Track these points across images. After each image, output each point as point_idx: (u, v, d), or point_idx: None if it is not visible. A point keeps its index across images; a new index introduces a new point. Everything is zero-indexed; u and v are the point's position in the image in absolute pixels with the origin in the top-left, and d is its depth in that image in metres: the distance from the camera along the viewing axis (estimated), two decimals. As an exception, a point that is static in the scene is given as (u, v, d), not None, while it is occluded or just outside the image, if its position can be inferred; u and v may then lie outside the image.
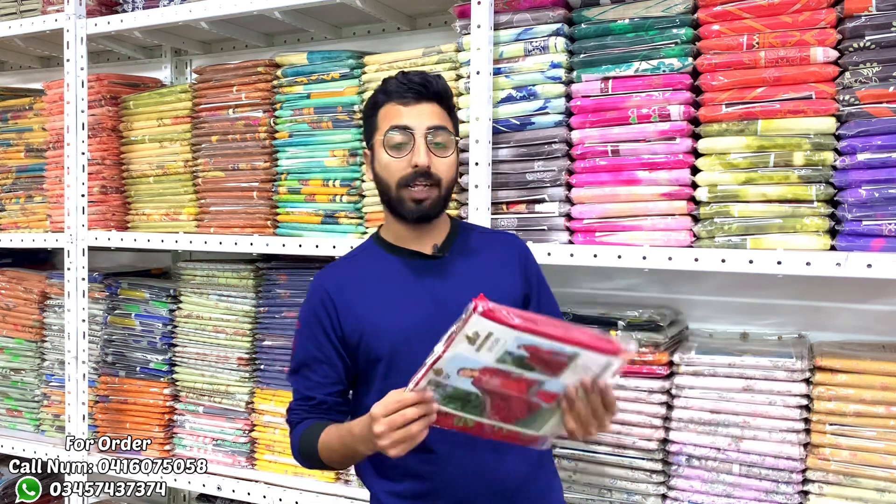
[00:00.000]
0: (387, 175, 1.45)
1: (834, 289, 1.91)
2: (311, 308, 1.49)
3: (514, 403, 1.22)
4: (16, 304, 2.71)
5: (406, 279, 1.46)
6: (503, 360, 1.16)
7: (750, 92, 1.65)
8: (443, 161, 1.44)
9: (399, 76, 1.47)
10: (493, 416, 1.23)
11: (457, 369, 1.18)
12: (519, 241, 1.60)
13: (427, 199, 1.43)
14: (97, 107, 2.46)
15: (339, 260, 1.59)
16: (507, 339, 1.13)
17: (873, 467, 1.62)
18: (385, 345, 1.42)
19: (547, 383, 1.19)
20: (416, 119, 1.43)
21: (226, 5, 2.16)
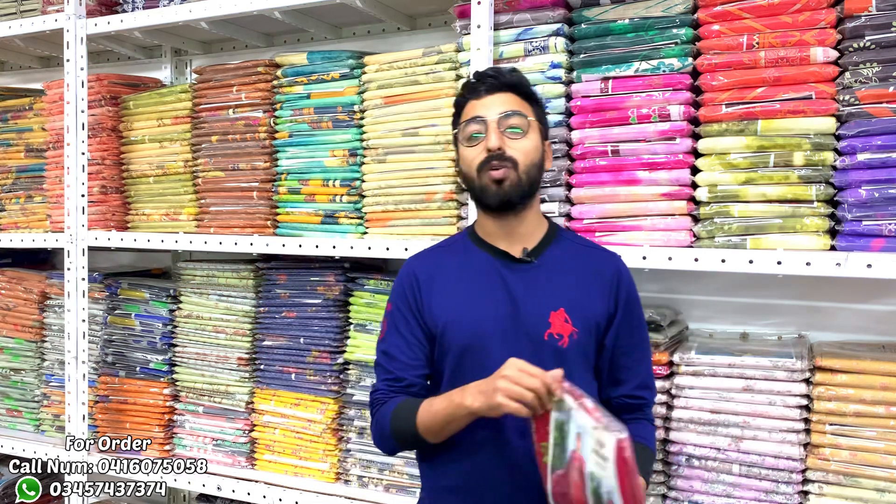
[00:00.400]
0: (466, 166, 1.46)
1: (834, 289, 1.91)
2: (402, 290, 1.51)
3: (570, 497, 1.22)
4: (16, 304, 2.71)
5: (490, 278, 1.46)
6: (593, 478, 1.16)
7: (750, 92, 1.65)
8: (518, 143, 1.43)
9: (474, 74, 1.52)
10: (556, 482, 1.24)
11: (577, 430, 1.18)
12: (620, 262, 1.53)
13: (506, 178, 1.41)
14: (97, 107, 2.46)
15: (432, 246, 1.60)
16: (607, 480, 1.14)
17: (873, 467, 1.62)
18: (458, 339, 1.43)
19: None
20: (488, 109, 1.44)
21: (226, 5, 2.16)
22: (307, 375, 2.19)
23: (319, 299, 2.19)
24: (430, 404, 1.40)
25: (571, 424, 1.19)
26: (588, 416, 1.17)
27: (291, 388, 2.22)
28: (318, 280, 2.19)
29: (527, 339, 1.41)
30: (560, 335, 1.41)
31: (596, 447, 1.15)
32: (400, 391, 1.48)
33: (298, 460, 2.21)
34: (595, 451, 1.15)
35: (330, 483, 2.17)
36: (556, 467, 1.23)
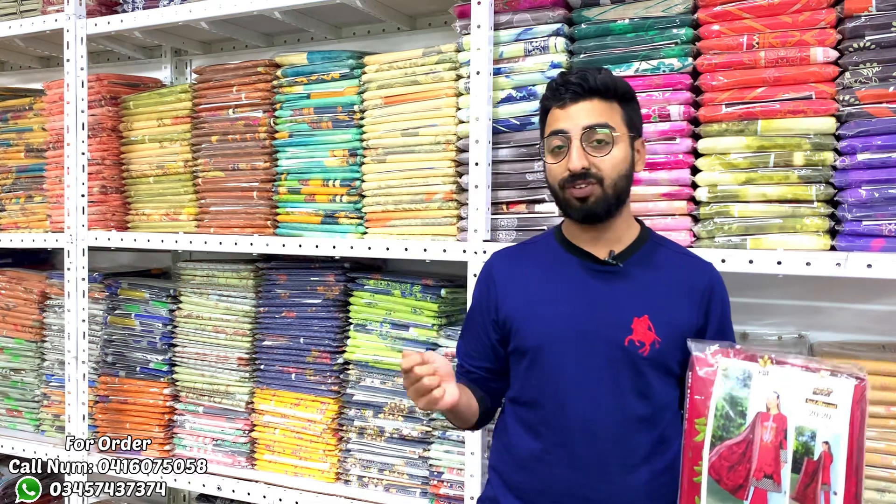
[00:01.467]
0: (550, 179, 1.43)
1: (834, 289, 1.91)
2: (480, 283, 1.55)
3: (737, 471, 1.23)
4: (16, 304, 2.71)
5: (571, 278, 1.44)
6: (801, 432, 1.19)
7: (750, 92, 1.65)
8: (605, 159, 1.37)
9: (558, 77, 1.44)
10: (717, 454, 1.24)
11: (773, 389, 1.21)
12: (715, 273, 1.48)
13: (590, 196, 1.37)
14: (97, 107, 2.46)
15: (517, 244, 1.60)
16: (832, 427, 1.16)
17: (873, 467, 1.62)
18: (533, 338, 1.42)
19: (774, 495, 1.20)
20: (572, 121, 1.39)
21: (226, 5, 2.16)
22: (307, 375, 2.19)
23: (319, 299, 2.19)
24: None
25: (759, 387, 1.21)
26: (796, 370, 1.20)
27: (291, 388, 2.22)
28: (318, 280, 2.19)
29: (604, 343, 1.38)
30: (641, 342, 1.37)
31: (813, 396, 1.17)
32: (462, 376, 1.56)
33: (298, 460, 2.21)
34: (811, 400, 1.17)
35: (330, 483, 2.17)
36: (724, 438, 1.23)
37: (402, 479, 2.09)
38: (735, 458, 1.22)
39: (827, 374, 1.19)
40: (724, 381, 1.24)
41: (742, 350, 1.26)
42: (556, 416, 1.39)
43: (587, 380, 1.38)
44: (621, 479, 1.39)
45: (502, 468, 1.50)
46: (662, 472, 1.40)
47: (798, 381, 1.20)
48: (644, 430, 1.39)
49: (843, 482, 1.15)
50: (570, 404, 1.38)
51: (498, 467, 1.51)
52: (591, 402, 1.38)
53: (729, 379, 1.24)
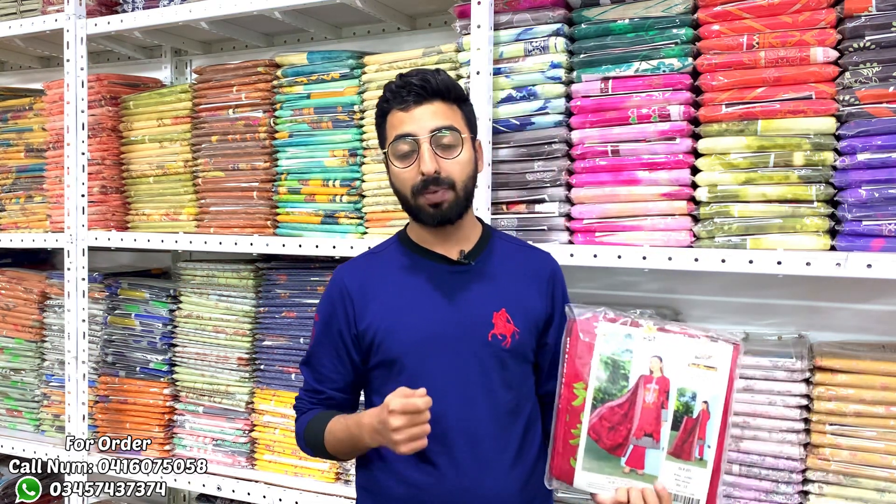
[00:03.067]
0: (399, 185, 1.41)
1: (834, 289, 1.91)
2: (330, 301, 1.48)
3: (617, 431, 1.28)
4: (16, 304, 2.71)
5: (428, 282, 1.43)
6: (682, 393, 1.27)
7: (750, 92, 1.65)
8: (452, 162, 1.37)
9: (397, 79, 1.41)
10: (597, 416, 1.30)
11: (656, 354, 1.29)
12: (552, 260, 1.55)
13: (443, 201, 1.37)
14: (97, 107, 2.46)
15: (362, 255, 1.56)
16: (710, 388, 1.26)
17: (873, 467, 1.62)
18: (399, 347, 1.41)
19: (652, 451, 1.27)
20: (418, 124, 1.37)
21: (226, 5, 2.16)
22: (307, 375, 2.19)
23: (319, 299, 2.18)
24: (333, 428, 1.42)
25: (642, 351, 1.29)
26: (679, 336, 1.29)
27: (291, 388, 2.22)
28: (318, 280, 2.19)
29: (470, 342, 1.39)
30: (503, 335, 1.40)
31: (695, 360, 1.27)
32: (318, 402, 1.50)
33: (298, 460, 2.21)
34: (693, 364, 1.27)
35: (330, 483, 2.17)
36: (605, 400, 1.29)
37: (402, 479, 2.09)
38: (616, 418, 1.29)
39: (707, 340, 1.29)
40: (604, 345, 1.30)
41: (619, 315, 1.33)
42: (433, 424, 1.32)
43: (459, 381, 1.38)
44: (504, 475, 1.41)
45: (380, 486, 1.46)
46: (536, 460, 1.45)
47: (680, 347, 1.28)
48: (514, 422, 1.43)
49: (716, 436, 1.26)
50: (446, 409, 1.37)
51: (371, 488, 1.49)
52: (466, 403, 1.39)
53: (609, 343, 1.30)
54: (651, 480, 1.27)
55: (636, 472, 1.27)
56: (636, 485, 1.27)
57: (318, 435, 1.45)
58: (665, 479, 1.27)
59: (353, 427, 1.38)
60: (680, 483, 1.26)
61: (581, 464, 1.29)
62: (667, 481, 1.27)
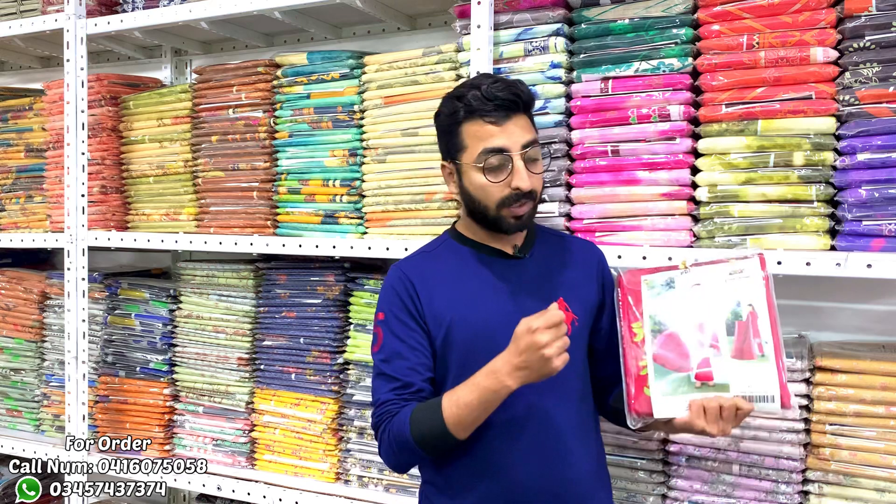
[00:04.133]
0: (484, 196, 1.43)
1: (834, 289, 1.91)
2: (396, 296, 1.47)
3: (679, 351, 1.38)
4: (16, 304, 2.71)
5: (486, 275, 1.47)
6: (727, 304, 1.37)
7: (750, 92, 1.65)
8: (538, 176, 1.44)
9: (483, 89, 1.41)
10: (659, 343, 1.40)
11: (695, 283, 1.40)
12: (597, 249, 1.61)
13: (525, 213, 1.44)
14: (97, 107, 2.46)
15: (416, 252, 1.58)
16: (751, 292, 1.36)
17: (873, 467, 1.62)
18: (463, 338, 1.43)
19: (717, 360, 1.35)
20: (511, 139, 1.40)
21: (226, 5, 2.16)
22: (307, 375, 2.19)
23: (319, 299, 2.19)
24: (454, 398, 1.34)
25: (682, 284, 1.41)
26: (706, 266, 1.41)
27: (291, 388, 2.22)
28: (318, 280, 2.19)
29: None
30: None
31: (729, 278, 1.39)
32: (410, 398, 1.42)
33: (298, 460, 2.21)
34: (728, 280, 1.39)
35: (330, 483, 2.17)
36: (661, 330, 1.41)
37: (401, 479, 2.09)
38: (675, 342, 1.39)
39: (734, 260, 1.41)
40: (649, 289, 1.43)
41: (654, 267, 1.49)
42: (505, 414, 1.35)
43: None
44: (580, 460, 1.44)
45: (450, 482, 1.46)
46: (600, 448, 1.53)
47: (714, 271, 1.41)
48: (583, 408, 1.47)
49: (770, 331, 1.35)
50: (517, 402, 1.38)
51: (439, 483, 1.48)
52: (536, 394, 1.40)
53: (654, 287, 1.43)
54: (724, 389, 1.33)
55: (707, 384, 1.34)
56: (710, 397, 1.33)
57: (434, 416, 1.35)
58: (735, 383, 1.33)
59: (482, 381, 1.31)
60: (752, 384, 1.32)
61: (655, 390, 1.36)
62: (738, 385, 1.32)
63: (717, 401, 1.30)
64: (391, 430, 1.40)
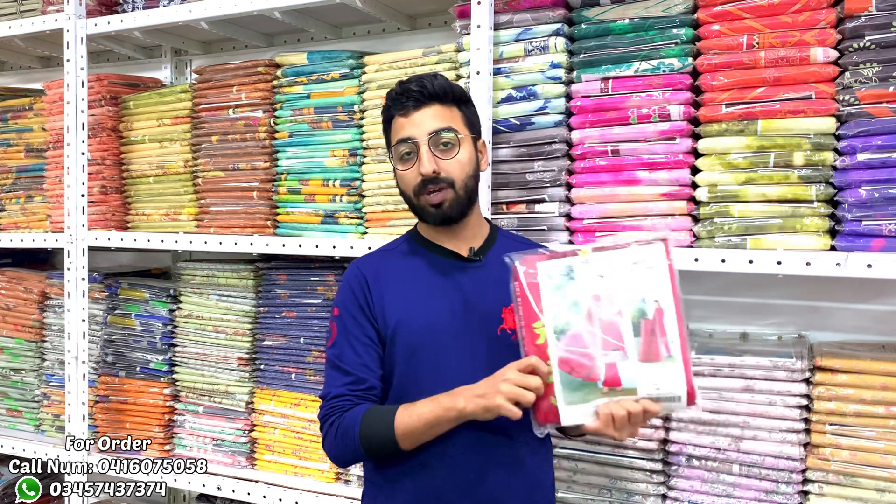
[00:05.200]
0: (403, 187, 1.47)
1: (834, 289, 1.91)
2: (351, 293, 1.49)
3: (585, 356, 1.27)
4: (16, 304, 2.71)
5: (438, 276, 1.48)
6: (632, 300, 1.28)
7: (750, 92, 1.65)
8: (451, 162, 1.43)
9: (397, 86, 1.48)
10: (563, 347, 1.28)
11: (598, 273, 1.29)
12: None
13: (443, 201, 1.43)
14: (97, 107, 2.46)
15: (376, 250, 1.60)
16: (656, 286, 1.27)
17: (873, 467, 1.62)
18: (411, 338, 1.44)
19: (624, 363, 1.26)
20: (417, 127, 1.43)
21: (226, 5, 2.15)
22: (307, 375, 2.19)
23: (319, 299, 2.19)
24: (411, 408, 1.37)
25: (583, 275, 1.30)
26: (608, 253, 1.30)
27: (291, 388, 2.22)
28: (318, 280, 2.19)
29: (480, 336, 1.43)
30: (513, 330, 1.41)
31: (633, 267, 1.28)
32: (364, 395, 1.44)
33: (298, 460, 2.21)
34: (632, 271, 1.28)
35: (330, 483, 2.17)
36: (565, 330, 1.29)
37: (402, 479, 2.09)
38: (580, 344, 1.28)
39: (636, 246, 1.30)
40: (548, 280, 1.31)
41: (555, 251, 1.34)
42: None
43: (470, 374, 1.38)
44: (513, 466, 1.43)
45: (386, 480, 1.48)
46: (545, 453, 1.51)
47: (617, 260, 1.30)
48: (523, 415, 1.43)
49: (676, 328, 1.26)
50: None
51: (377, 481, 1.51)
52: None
53: (553, 278, 1.31)
54: (632, 392, 1.26)
55: (615, 389, 1.27)
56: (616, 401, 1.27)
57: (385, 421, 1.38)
58: (643, 386, 1.26)
59: (442, 398, 1.35)
60: (659, 385, 1.26)
61: (562, 399, 1.28)
62: (646, 388, 1.26)
63: (624, 407, 1.26)
64: (340, 425, 1.43)
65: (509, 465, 1.45)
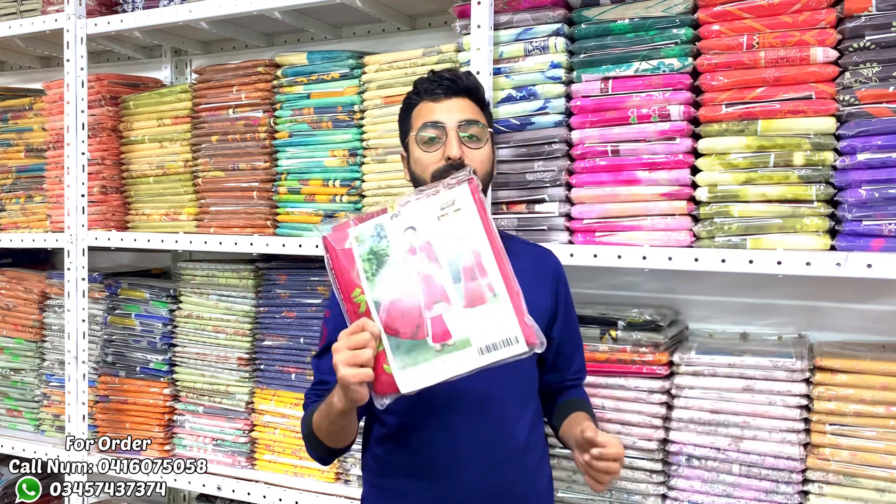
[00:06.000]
0: (420, 170, 1.45)
1: (834, 289, 1.91)
2: None
3: (409, 315, 1.22)
4: (16, 304, 2.71)
5: None
6: (447, 246, 1.23)
7: (750, 92, 1.65)
8: (476, 153, 1.44)
9: (430, 75, 1.50)
10: (384, 311, 1.23)
11: (408, 226, 1.24)
12: (554, 257, 1.61)
13: None
14: (97, 107, 2.46)
15: None
16: (468, 228, 1.24)
17: (873, 467, 1.62)
18: None
19: (451, 314, 1.22)
20: (448, 114, 1.44)
21: (226, 5, 2.16)
22: (307, 375, 2.19)
23: (319, 299, 2.19)
24: (318, 406, 1.37)
25: (395, 231, 1.25)
26: (420, 199, 1.26)
27: (291, 388, 2.22)
28: (318, 280, 2.19)
29: None
30: None
31: (441, 213, 1.25)
32: (323, 394, 1.43)
33: (298, 460, 2.21)
34: (443, 215, 1.25)
35: (330, 483, 2.17)
36: (385, 294, 1.23)
37: (402, 479, 2.09)
38: (402, 305, 1.23)
39: (443, 189, 1.26)
40: (360, 246, 1.25)
41: (364, 215, 1.28)
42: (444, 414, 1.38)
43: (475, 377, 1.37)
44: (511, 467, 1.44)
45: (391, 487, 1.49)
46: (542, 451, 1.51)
47: (424, 209, 1.26)
48: (523, 415, 1.47)
49: (496, 267, 1.23)
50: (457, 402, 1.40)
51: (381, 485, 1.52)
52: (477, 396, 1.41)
53: (365, 241, 1.25)
54: (466, 345, 1.21)
55: (447, 344, 1.21)
56: (454, 359, 1.20)
57: (309, 418, 1.41)
58: (476, 335, 1.21)
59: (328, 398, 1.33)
60: (490, 330, 1.21)
61: (395, 365, 1.21)
62: (478, 337, 1.21)
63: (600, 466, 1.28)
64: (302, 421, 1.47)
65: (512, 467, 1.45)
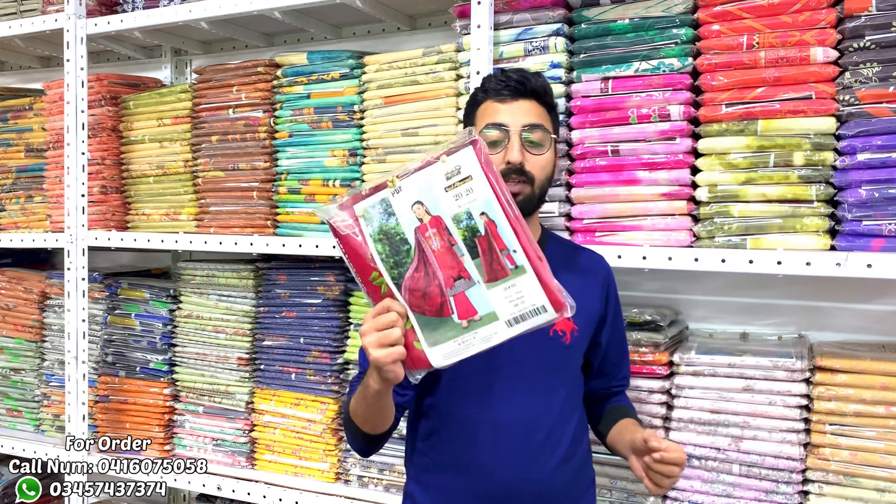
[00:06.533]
0: None
1: (834, 289, 1.91)
2: None
3: (431, 294, 1.19)
4: (16, 304, 2.71)
5: None
6: (458, 220, 1.19)
7: (750, 92, 1.65)
8: (538, 159, 1.43)
9: (498, 73, 1.48)
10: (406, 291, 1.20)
11: (414, 201, 1.19)
12: (606, 263, 1.60)
13: (520, 193, 1.41)
14: (97, 107, 2.46)
15: None
16: (478, 197, 1.18)
17: (873, 467, 1.62)
18: None
19: (473, 290, 1.19)
20: (512, 116, 1.43)
21: (226, 5, 2.16)
22: (307, 375, 2.19)
23: (319, 299, 2.19)
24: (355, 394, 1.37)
25: (401, 207, 1.20)
26: (419, 174, 1.19)
27: (291, 388, 2.22)
28: (318, 280, 2.19)
29: (533, 336, 1.39)
30: (563, 332, 1.43)
31: (448, 183, 1.18)
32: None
33: (298, 460, 2.21)
34: (450, 186, 1.19)
35: (330, 483, 2.17)
36: (402, 273, 1.21)
37: (402, 479, 2.09)
38: (422, 282, 1.20)
39: (446, 157, 1.19)
40: (368, 224, 1.21)
41: (364, 191, 1.23)
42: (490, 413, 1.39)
43: (520, 374, 1.39)
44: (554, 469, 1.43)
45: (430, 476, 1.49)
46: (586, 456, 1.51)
47: (429, 179, 1.19)
48: (569, 419, 1.46)
49: (512, 235, 1.18)
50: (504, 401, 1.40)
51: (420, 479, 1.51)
52: (524, 396, 1.42)
53: (372, 219, 1.21)
54: (493, 319, 1.19)
55: (473, 320, 1.19)
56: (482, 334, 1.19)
57: (347, 406, 1.41)
58: (502, 308, 1.19)
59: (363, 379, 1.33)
60: (516, 302, 1.18)
61: (425, 341, 1.20)
62: (505, 309, 1.19)
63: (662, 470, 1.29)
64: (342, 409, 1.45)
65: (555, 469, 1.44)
